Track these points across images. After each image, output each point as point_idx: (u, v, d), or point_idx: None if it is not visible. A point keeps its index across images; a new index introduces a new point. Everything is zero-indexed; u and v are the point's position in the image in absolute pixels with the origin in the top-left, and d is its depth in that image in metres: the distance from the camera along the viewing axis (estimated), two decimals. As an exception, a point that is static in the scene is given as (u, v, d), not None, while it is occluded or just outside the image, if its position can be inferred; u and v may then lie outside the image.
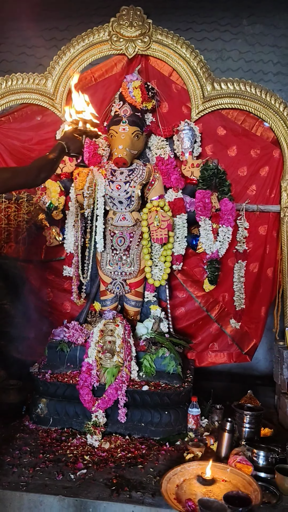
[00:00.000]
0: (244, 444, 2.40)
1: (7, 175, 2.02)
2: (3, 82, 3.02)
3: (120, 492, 2.10)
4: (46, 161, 2.18)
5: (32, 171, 2.08)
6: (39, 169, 2.11)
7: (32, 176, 2.07)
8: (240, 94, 2.88)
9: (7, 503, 2.11)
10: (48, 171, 2.16)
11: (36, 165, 2.12)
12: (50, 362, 2.82)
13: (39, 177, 2.10)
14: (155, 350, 2.75)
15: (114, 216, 2.91)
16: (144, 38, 2.88)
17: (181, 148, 2.90)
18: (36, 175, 2.08)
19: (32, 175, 2.07)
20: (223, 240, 2.87)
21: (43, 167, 2.13)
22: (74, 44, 2.94)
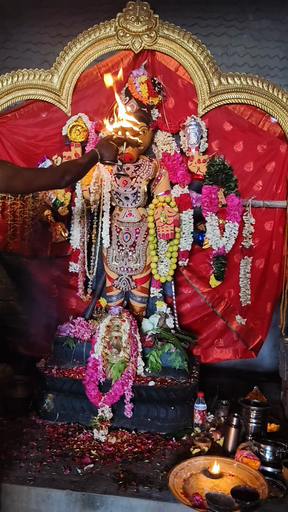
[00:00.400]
0: (250, 439, 2.41)
1: (31, 176, 1.99)
2: (9, 78, 3.01)
3: (127, 486, 2.11)
4: (73, 164, 2.15)
5: (57, 172, 2.05)
6: (65, 171, 2.07)
7: (56, 178, 2.04)
8: (247, 89, 2.87)
9: (15, 497, 2.13)
10: (74, 175, 2.12)
11: (62, 167, 2.08)
12: (56, 357, 2.84)
13: (63, 179, 2.06)
14: (161, 346, 2.75)
15: (120, 212, 2.91)
16: (150, 33, 2.87)
17: (187, 143, 2.89)
18: (60, 176, 2.04)
19: (57, 177, 2.04)
20: (230, 236, 2.86)
21: (68, 170, 2.10)
22: (80, 39, 2.93)
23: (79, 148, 2.97)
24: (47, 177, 2.03)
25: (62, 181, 2.06)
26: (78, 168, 2.16)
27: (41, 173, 2.05)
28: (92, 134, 2.97)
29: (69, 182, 2.12)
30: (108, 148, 2.25)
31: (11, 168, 1.91)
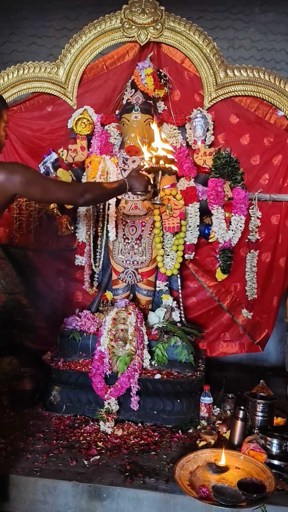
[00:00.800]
0: (257, 432, 2.40)
1: (50, 186, 1.96)
2: (14, 70, 3.01)
3: (134, 478, 2.11)
4: (97, 186, 2.11)
5: (78, 189, 2.00)
6: (86, 190, 2.03)
7: (76, 194, 2.00)
8: (254, 81, 2.85)
9: (22, 489, 2.13)
10: (94, 195, 2.07)
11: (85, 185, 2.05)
12: (62, 350, 2.84)
13: (82, 197, 2.01)
14: (167, 339, 2.75)
15: (126, 205, 2.90)
16: (156, 25, 2.85)
17: (193, 136, 2.88)
18: (80, 193, 2.00)
19: (76, 193, 2.00)
20: (236, 229, 2.85)
21: (91, 189, 2.06)
22: (86, 32, 2.92)
23: (84, 141, 2.96)
24: (66, 190, 1.99)
25: (81, 198, 2.01)
26: (101, 191, 2.12)
27: (61, 185, 2.01)
28: (98, 127, 2.96)
29: (88, 202, 2.07)
30: (139, 179, 2.22)
31: (32, 174, 1.89)
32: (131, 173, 2.26)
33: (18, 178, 1.80)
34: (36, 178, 1.89)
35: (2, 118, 1.95)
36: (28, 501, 2.13)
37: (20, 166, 1.89)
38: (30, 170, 1.89)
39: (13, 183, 1.80)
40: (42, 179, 1.93)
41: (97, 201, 2.22)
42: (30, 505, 2.13)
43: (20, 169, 1.84)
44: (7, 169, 1.81)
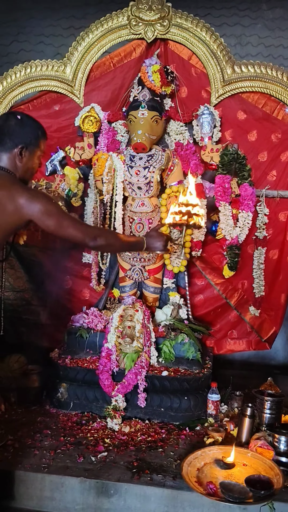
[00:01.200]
0: (265, 429, 2.39)
1: (66, 221, 1.94)
2: (22, 69, 3.01)
3: (141, 474, 2.11)
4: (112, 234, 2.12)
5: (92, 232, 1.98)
6: (100, 235, 2.01)
7: (89, 236, 1.97)
8: (261, 77, 2.83)
9: (29, 485, 2.14)
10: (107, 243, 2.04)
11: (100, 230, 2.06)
12: (69, 347, 2.85)
13: (94, 241, 1.99)
14: (174, 336, 2.74)
15: (133, 202, 2.90)
16: (163, 22, 2.84)
17: (200, 133, 2.87)
18: (93, 237, 1.98)
19: (89, 236, 1.97)
20: (243, 226, 2.83)
21: (104, 236, 2.04)
22: (93, 29, 2.92)
23: (91, 138, 2.97)
24: (80, 230, 1.96)
25: (93, 241, 1.99)
26: (115, 241, 2.10)
27: (77, 224, 1.97)
28: (105, 124, 2.96)
29: (99, 247, 2.07)
30: (158, 239, 2.23)
31: (52, 206, 1.89)
32: (150, 232, 2.28)
33: (37, 206, 1.82)
34: (55, 211, 1.89)
35: (39, 147, 1.98)
36: (35, 497, 2.14)
37: (42, 195, 1.90)
38: (51, 202, 1.90)
39: (31, 209, 1.81)
40: (60, 213, 1.92)
41: (109, 249, 2.20)
42: (38, 501, 2.13)
43: (42, 198, 1.86)
44: (30, 195, 1.83)
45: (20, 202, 1.80)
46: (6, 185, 1.82)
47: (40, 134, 1.97)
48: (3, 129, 1.90)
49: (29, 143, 1.91)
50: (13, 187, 1.82)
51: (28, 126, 1.94)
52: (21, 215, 1.82)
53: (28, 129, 1.93)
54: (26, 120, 1.96)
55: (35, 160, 1.98)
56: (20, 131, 1.90)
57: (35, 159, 1.98)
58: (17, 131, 1.90)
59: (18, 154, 1.89)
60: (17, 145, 1.88)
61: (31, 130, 1.94)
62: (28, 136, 1.91)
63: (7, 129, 1.89)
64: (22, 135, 1.90)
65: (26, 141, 1.90)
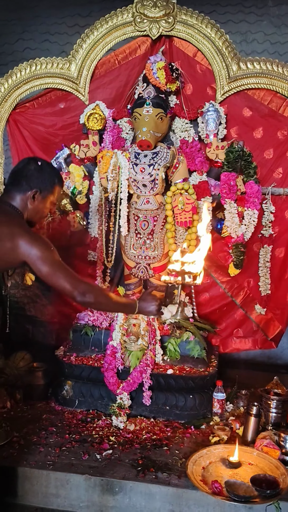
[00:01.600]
0: (271, 429, 2.38)
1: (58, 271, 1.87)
2: (27, 67, 3.01)
3: (146, 472, 2.11)
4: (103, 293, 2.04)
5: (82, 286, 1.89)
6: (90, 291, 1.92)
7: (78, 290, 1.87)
8: (267, 74, 2.80)
9: (34, 482, 2.15)
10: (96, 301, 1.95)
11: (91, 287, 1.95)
12: (75, 345, 2.85)
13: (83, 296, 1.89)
14: (179, 334, 2.73)
15: (138, 199, 2.89)
16: (168, 19, 2.83)
17: (206, 130, 2.85)
18: (82, 292, 1.88)
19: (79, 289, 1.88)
20: (249, 224, 2.82)
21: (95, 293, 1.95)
22: (98, 26, 2.91)
23: (96, 136, 2.96)
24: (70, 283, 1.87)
25: (81, 297, 1.89)
26: (104, 300, 2.02)
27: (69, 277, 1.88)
28: (110, 121, 2.96)
29: (86, 303, 1.95)
30: (151, 303, 2.13)
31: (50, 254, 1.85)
32: (143, 296, 2.19)
33: (34, 250, 1.80)
34: (50, 258, 1.85)
35: (52, 194, 2.00)
36: (40, 494, 2.14)
37: (42, 241, 1.87)
38: (49, 249, 1.87)
39: (28, 252, 1.80)
40: (55, 262, 1.87)
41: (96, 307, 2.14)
42: (43, 498, 2.14)
43: (41, 243, 1.84)
44: (29, 238, 1.82)
45: (19, 242, 1.80)
46: (10, 223, 1.84)
47: (56, 182, 2.00)
48: (22, 172, 1.95)
49: (44, 189, 1.94)
50: (17, 226, 1.83)
51: (46, 173, 1.97)
52: (16, 255, 1.81)
53: (46, 175, 1.96)
54: (45, 167, 1.99)
55: (46, 205, 2.00)
56: (38, 176, 1.93)
57: (47, 203, 2.00)
58: (35, 176, 1.93)
59: (31, 197, 1.91)
60: (32, 188, 1.91)
61: (49, 177, 1.97)
62: (44, 182, 1.95)
63: (26, 172, 1.93)
64: (39, 180, 1.93)
65: (41, 186, 1.93)
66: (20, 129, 3.12)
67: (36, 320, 3.28)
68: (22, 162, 2.00)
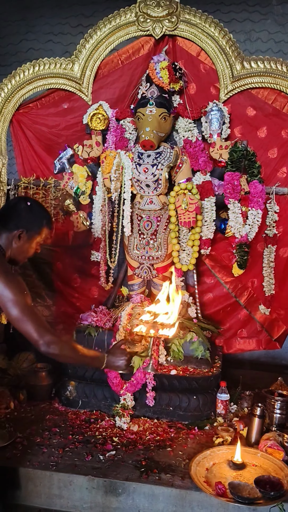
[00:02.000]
0: (275, 430, 2.36)
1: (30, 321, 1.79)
2: (30, 67, 3.01)
3: (149, 474, 2.10)
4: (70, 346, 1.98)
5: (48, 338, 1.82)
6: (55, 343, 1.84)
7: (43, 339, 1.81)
8: (271, 73, 2.78)
9: (38, 482, 2.14)
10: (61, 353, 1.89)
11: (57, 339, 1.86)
12: (78, 346, 2.84)
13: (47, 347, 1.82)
14: (183, 335, 2.72)
15: (141, 199, 2.88)
16: (171, 18, 2.81)
17: (209, 130, 2.84)
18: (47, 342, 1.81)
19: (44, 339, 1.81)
20: (253, 224, 2.80)
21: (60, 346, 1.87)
22: (101, 26, 2.90)
23: (99, 136, 2.96)
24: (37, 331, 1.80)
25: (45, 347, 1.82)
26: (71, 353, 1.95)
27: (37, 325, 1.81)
28: (113, 122, 2.95)
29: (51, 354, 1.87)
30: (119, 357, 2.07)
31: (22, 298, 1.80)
32: (112, 349, 2.13)
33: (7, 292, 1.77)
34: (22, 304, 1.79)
35: (39, 235, 2.00)
36: (44, 495, 2.14)
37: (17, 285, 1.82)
38: (23, 293, 1.82)
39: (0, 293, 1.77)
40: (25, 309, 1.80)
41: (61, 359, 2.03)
42: (46, 499, 2.14)
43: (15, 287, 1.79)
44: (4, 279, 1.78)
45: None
46: None
47: (44, 223, 2.01)
48: (10, 212, 1.96)
49: (30, 229, 1.95)
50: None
51: (35, 215, 1.98)
52: None
53: (34, 216, 1.97)
54: (35, 207, 2.00)
55: (32, 245, 2.00)
56: (26, 216, 1.95)
57: (33, 243, 2.00)
58: (23, 216, 1.94)
59: (16, 237, 1.92)
60: (19, 228, 1.92)
61: (37, 218, 1.98)
62: (32, 222, 1.95)
63: (15, 211, 1.95)
64: (26, 220, 1.94)
65: (28, 226, 1.94)
66: (23, 130, 3.12)
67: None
68: (13, 201, 2.02)
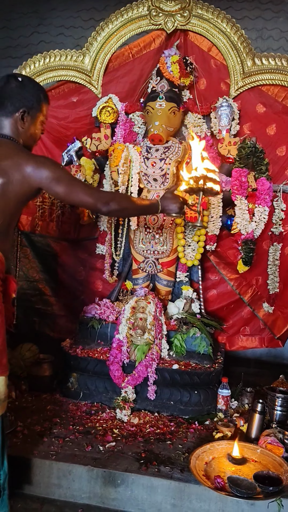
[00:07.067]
0: (275, 426, 2.36)
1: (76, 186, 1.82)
2: (41, 59, 3.02)
3: (148, 466, 2.10)
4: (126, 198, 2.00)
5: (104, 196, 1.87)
6: (113, 198, 1.89)
7: (101, 200, 1.85)
8: (282, 70, 2.77)
9: (37, 471, 2.15)
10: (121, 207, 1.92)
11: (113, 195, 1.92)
12: (81, 338, 2.85)
13: (107, 205, 1.86)
14: (186, 330, 2.73)
15: (148, 193, 2.88)
16: (183, 13, 2.81)
17: (218, 125, 2.83)
18: (106, 201, 1.85)
19: (102, 200, 1.85)
20: (259, 221, 2.80)
21: (118, 200, 1.92)
22: (113, 19, 2.90)
23: (108, 129, 2.96)
24: (91, 195, 1.84)
25: (105, 206, 1.87)
26: (129, 204, 1.99)
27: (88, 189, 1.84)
28: (122, 115, 2.95)
29: (112, 212, 1.92)
30: (173, 201, 2.10)
31: (61, 171, 1.80)
32: (165, 194, 2.15)
33: (45, 172, 1.74)
34: (64, 176, 1.81)
35: (41, 112, 1.89)
36: (43, 484, 2.14)
37: (50, 161, 1.81)
38: (59, 167, 1.82)
39: (39, 176, 1.74)
40: (69, 178, 1.83)
41: (123, 213, 2.07)
42: (45, 488, 2.14)
43: (49, 164, 1.78)
44: (36, 162, 1.75)
45: (27, 170, 1.72)
46: (11, 153, 1.74)
47: (42, 97, 1.88)
48: (3, 92, 1.80)
49: (31, 107, 1.82)
50: (19, 155, 1.75)
51: (30, 89, 1.83)
52: (29, 184, 1.74)
53: (30, 91, 1.82)
54: (27, 82, 1.84)
55: (37, 126, 1.89)
56: (21, 94, 1.80)
57: (38, 124, 1.89)
58: (18, 94, 1.79)
59: (19, 119, 1.80)
60: (19, 109, 1.79)
61: (33, 92, 1.83)
62: (29, 99, 1.81)
63: (7, 92, 1.79)
64: (23, 98, 1.80)
65: (27, 104, 1.80)
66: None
67: (43, 312, 3.30)
68: (1, 81, 1.83)
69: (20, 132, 1.82)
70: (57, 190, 1.78)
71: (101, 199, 1.85)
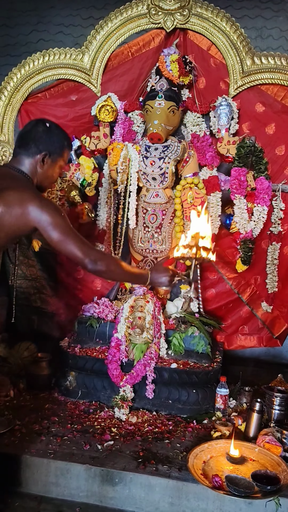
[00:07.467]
0: (273, 425, 2.36)
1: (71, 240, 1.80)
2: (40, 57, 3.01)
3: (146, 464, 2.10)
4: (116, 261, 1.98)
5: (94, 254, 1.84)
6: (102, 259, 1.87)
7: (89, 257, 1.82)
8: (281, 69, 2.77)
9: (35, 470, 2.15)
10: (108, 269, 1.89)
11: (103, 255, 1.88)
12: (79, 337, 2.85)
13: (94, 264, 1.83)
14: (184, 329, 2.72)
15: (147, 193, 2.88)
16: (183, 11, 2.81)
17: (218, 125, 2.83)
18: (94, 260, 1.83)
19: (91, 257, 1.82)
20: (258, 220, 2.80)
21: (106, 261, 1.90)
22: (112, 18, 2.89)
23: (107, 128, 2.96)
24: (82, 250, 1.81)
25: (92, 265, 1.84)
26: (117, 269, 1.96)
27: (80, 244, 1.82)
28: (121, 114, 2.95)
29: (98, 272, 1.90)
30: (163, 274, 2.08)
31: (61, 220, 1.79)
32: (155, 266, 2.15)
33: (45, 215, 1.75)
34: (62, 224, 1.80)
35: (62, 157, 1.93)
36: (40, 482, 2.15)
37: (53, 206, 1.82)
38: (60, 215, 1.81)
39: (39, 217, 1.75)
40: (66, 228, 1.81)
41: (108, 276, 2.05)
42: (43, 487, 2.14)
43: (52, 209, 1.78)
44: (40, 203, 1.76)
45: (29, 208, 1.74)
46: (20, 188, 1.79)
47: (65, 144, 1.95)
48: (30, 134, 1.87)
49: (53, 152, 1.88)
50: (26, 191, 1.79)
51: (55, 135, 1.90)
52: (26, 220, 1.76)
53: (55, 138, 1.89)
54: (54, 128, 1.91)
55: (56, 169, 1.95)
56: (47, 138, 1.86)
57: (56, 168, 1.95)
58: (44, 138, 1.86)
59: (40, 161, 1.86)
60: (41, 151, 1.85)
61: (58, 139, 1.90)
62: (53, 144, 1.88)
63: (34, 135, 1.86)
64: (47, 142, 1.86)
65: (50, 149, 1.86)
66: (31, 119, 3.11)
67: (41, 311, 3.29)
68: (30, 124, 1.91)
69: (37, 172, 1.88)
70: (51, 235, 1.79)
71: (90, 256, 1.84)
